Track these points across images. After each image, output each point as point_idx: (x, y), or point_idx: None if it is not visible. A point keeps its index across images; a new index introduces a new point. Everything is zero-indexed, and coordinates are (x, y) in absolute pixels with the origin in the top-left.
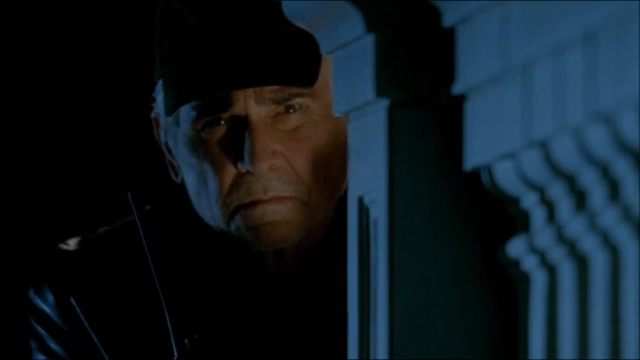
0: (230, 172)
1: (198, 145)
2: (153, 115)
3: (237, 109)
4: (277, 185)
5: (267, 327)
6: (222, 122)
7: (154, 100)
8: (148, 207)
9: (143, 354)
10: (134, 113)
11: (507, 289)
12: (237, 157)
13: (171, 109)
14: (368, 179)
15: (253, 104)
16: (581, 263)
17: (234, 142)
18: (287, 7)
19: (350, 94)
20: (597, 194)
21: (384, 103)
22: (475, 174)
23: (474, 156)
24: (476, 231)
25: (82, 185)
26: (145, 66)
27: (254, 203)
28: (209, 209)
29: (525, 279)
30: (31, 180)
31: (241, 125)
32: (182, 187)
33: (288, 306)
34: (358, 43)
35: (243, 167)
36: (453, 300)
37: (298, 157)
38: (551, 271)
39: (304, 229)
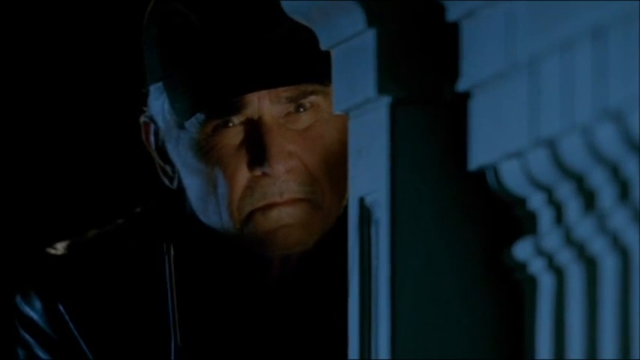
0: (243, 175)
1: (208, 149)
2: (143, 119)
3: (251, 110)
4: (293, 187)
5: (270, 329)
6: (232, 124)
7: (144, 104)
8: (138, 210)
9: None
10: (120, 117)
11: (513, 293)
12: (251, 159)
13: (187, 113)
14: (369, 179)
15: (268, 105)
16: (590, 266)
17: (248, 145)
18: (286, 2)
19: (350, 91)
20: (607, 194)
21: (385, 101)
22: (480, 174)
23: (479, 155)
24: (481, 233)
25: (71, 188)
26: (131, 70)
27: (269, 206)
28: (217, 214)
29: (532, 282)
30: (17, 183)
31: (254, 127)
32: (171, 191)
33: (290, 309)
34: (359, 39)
35: (260, 170)
36: (456, 303)
37: (312, 157)
38: (559, 274)
39: (319, 232)
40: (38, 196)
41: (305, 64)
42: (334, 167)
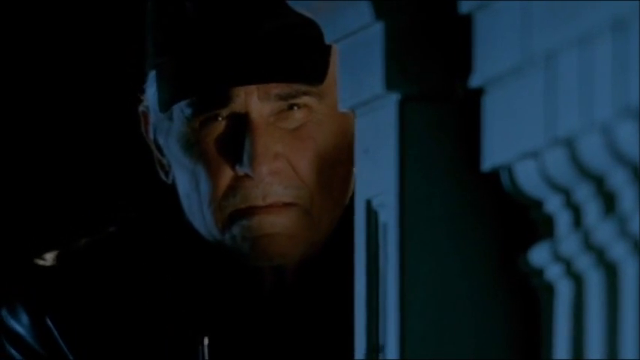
0: (227, 175)
1: (193, 144)
2: (141, 108)
3: (237, 105)
4: (278, 190)
5: (267, 343)
6: (220, 119)
7: (142, 92)
8: (133, 215)
9: None
10: (113, 113)
11: (528, 300)
12: (235, 158)
13: (167, 104)
14: (376, 180)
15: (255, 101)
16: (610, 272)
17: (233, 143)
18: None
19: (357, 88)
20: (628, 197)
21: (394, 98)
22: (494, 175)
23: (492, 155)
24: (494, 237)
25: (61, 193)
26: (129, 57)
27: (251, 209)
28: (200, 213)
29: (549, 289)
30: (2, 190)
31: (241, 123)
32: (172, 188)
33: (288, 322)
34: (366, 32)
35: (241, 170)
36: (468, 311)
37: (301, 159)
38: (577, 280)
39: (306, 243)
40: (25, 202)
41: (295, 62)
42: (326, 172)
